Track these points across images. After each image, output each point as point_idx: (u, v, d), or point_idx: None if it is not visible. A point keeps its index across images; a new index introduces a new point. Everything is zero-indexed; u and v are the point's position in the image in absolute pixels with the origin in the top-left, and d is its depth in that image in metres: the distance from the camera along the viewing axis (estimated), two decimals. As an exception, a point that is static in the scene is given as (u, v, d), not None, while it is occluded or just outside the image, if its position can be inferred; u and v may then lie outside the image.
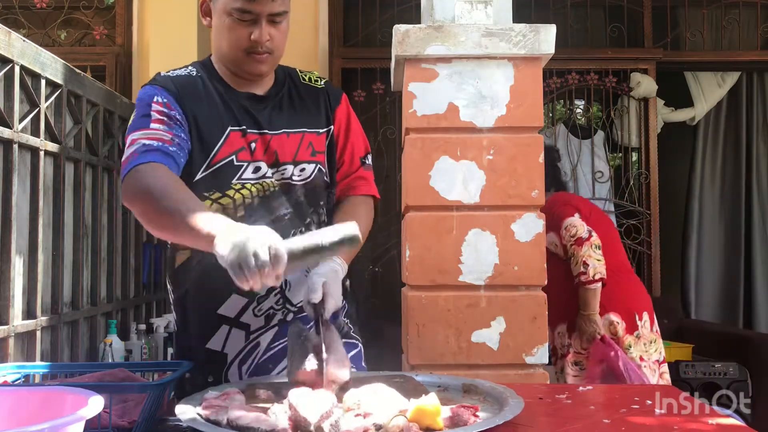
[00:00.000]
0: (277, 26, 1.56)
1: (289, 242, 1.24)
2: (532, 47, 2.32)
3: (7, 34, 2.23)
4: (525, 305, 2.30)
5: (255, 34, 1.53)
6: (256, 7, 1.51)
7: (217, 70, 1.66)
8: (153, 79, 1.62)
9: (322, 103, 1.70)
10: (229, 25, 1.55)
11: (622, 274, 3.05)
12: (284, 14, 1.56)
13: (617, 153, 5.35)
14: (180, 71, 1.65)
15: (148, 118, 1.51)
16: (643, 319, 2.97)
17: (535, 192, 2.33)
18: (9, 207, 2.23)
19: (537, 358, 2.29)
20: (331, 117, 1.71)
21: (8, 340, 2.20)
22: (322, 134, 1.68)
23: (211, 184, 1.56)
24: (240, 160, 1.57)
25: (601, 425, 1.26)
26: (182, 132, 1.53)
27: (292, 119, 1.64)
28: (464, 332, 2.27)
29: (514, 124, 2.34)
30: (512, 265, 2.31)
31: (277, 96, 1.66)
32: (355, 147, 1.74)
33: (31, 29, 4.71)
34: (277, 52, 1.60)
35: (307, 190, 1.64)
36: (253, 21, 1.53)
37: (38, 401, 1.06)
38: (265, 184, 1.59)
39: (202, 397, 1.29)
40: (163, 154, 1.46)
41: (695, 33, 5.21)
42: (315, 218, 1.67)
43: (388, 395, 1.21)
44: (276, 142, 1.60)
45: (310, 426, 1.10)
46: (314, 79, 1.74)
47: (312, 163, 1.64)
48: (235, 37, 1.55)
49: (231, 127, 1.58)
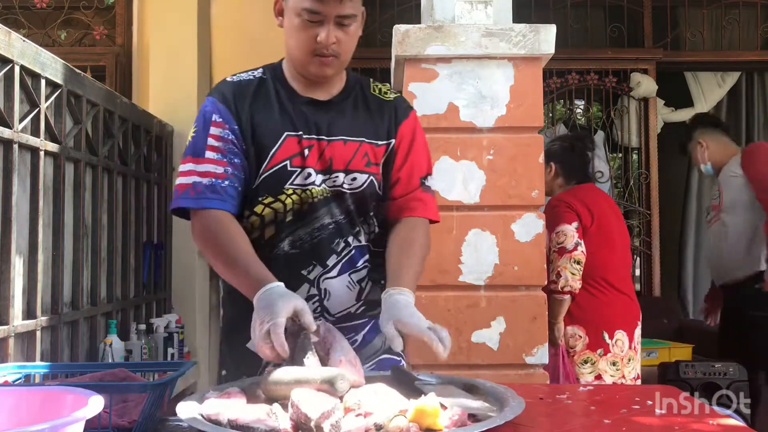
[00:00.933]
0: (345, 30, 1.54)
1: (282, 371, 1.28)
2: (532, 47, 2.32)
3: (7, 34, 2.23)
4: (525, 305, 2.31)
5: (321, 36, 1.52)
6: (324, 8, 1.51)
7: (285, 72, 1.66)
8: (216, 88, 1.65)
9: (388, 115, 1.67)
10: (298, 25, 1.54)
11: (607, 288, 2.98)
12: (353, 17, 1.54)
13: (617, 153, 5.35)
14: (246, 74, 1.66)
15: (204, 144, 1.57)
16: (615, 338, 2.93)
17: (535, 192, 2.33)
18: (9, 207, 2.23)
19: (537, 358, 2.29)
20: (394, 131, 1.66)
21: (8, 340, 2.20)
22: (381, 146, 1.64)
23: (266, 188, 1.58)
24: (293, 165, 1.58)
25: (601, 425, 1.26)
26: (236, 156, 1.57)
27: (352, 127, 1.62)
28: (464, 332, 2.27)
29: (514, 124, 2.34)
30: (512, 265, 2.31)
31: (342, 103, 1.64)
32: (415, 166, 1.67)
33: (31, 29, 4.71)
34: (344, 56, 1.58)
35: (357, 199, 1.62)
36: (321, 22, 1.52)
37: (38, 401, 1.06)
38: (314, 190, 1.58)
39: (203, 397, 1.29)
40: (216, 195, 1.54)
41: (695, 33, 5.21)
42: (365, 228, 1.65)
43: (388, 395, 1.21)
44: (331, 148, 1.59)
45: (310, 422, 1.10)
46: (384, 91, 1.71)
47: (365, 174, 1.61)
48: (302, 38, 1.55)
49: (287, 132, 1.58)
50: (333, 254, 1.61)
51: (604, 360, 2.90)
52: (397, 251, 1.60)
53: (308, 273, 1.60)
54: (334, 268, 1.61)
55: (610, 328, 2.93)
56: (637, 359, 3.01)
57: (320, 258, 1.60)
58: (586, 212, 2.97)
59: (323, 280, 1.61)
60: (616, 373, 2.92)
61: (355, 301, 1.64)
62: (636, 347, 3.00)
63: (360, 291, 1.65)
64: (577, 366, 2.91)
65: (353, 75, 1.71)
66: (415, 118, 1.72)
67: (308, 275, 1.60)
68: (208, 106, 1.61)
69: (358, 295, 1.65)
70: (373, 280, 1.66)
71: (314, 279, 1.61)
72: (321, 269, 1.60)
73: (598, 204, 3.05)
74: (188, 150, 1.59)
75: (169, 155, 3.81)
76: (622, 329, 2.95)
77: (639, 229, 5.04)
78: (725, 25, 5.19)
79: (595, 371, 2.90)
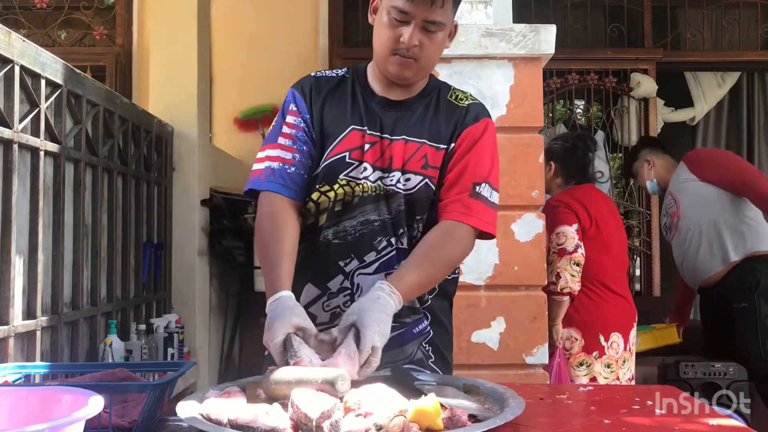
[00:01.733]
0: (431, 36, 1.55)
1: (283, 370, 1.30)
2: (532, 47, 2.32)
3: (7, 34, 2.23)
4: (525, 305, 2.31)
5: (405, 36, 1.53)
6: (413, 9, 1.51)
7: (368, 72, 1.69)
8: (299, 81, 1.71)
9: (455, 120, 1.64)
10: (386, 23, 1.55)
11: (603, 290, 2.98)
12: (440, 25, 1.55)
13: (617, 153, 5.35)
14: (331, 72, 1.72)
15: (279, 130, 1.65)
16: (610, 340, 2.93)
17: (535, 192, 2.33)
18: (9, 207, 2.23)
19: (537, 358, 2.29)
20: (457, 135, 1.63)
21: (8, 340, 2.20)
22: (441, 150, 1.62)
23: (324, 176, 1.62)
24: (352, 158, 1.60)
25: (601, 425, 1.26)
26: (305, 144, 1.63)
27: (416, 128, 1.62)
28: (464, 332, 2.28)
29: (514, 124, 2.34)
30: (512, 265, 2.31)
31: (414, 104, 1.65)
32: (468, 170, 1.60)
33: (31, 29, 4.71)
34: (425, 61, 1.58)
35: (409, 200, 1.61)
36: (407, 23, 1.53)
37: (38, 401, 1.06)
38: (366, 185, 1.60)
39: (203, 397, 1.29)
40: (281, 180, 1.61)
41: (695, 33, 5.21)
42: (411, 231, 1.63)
43: (388, 395, 1.21)
44: (392, 147, 1.60)
45: (310, 422, 1.11)
46: (461, 97, 1.69)
47: (420, 176, 1.60)
48: (386, 35, 1.56)
49: (354, 125, 1.62)
50: (373, 251, 1.61)
51: (599, 362, 2.91)
52: (418, 252, 1.56)
53: (345, 265, 1.62)
54: (371, 265, 1.61)
55: (606, 330, 2.93)
56: (632, 360, 3.01)
57: (359, 252, 1.61)
58: (585, 214, 2.97)
59: (358, 274, 1.61)
60: (610, 375, 2.92)
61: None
62: (631, 348, 3.00)
63: None
64: (572, 368, 2.91)
65: (435, 80, 1.72)
66: (485, 127, 1.65)
67: (344, 267, 1.62)
68: (288, 96, 1.69)
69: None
70: None
71: (350, 272, 1.62)
72: (357, 263, 1.61)
73: (596, 206, 3.05)
74: (266, 138, 1.68)
75: (169, 155, 3.81)
76: (618, 331, 2.95)
77: (639, 229, 5.04)
78: (725, 25, 5.19)
79: (590, 374, 2.90)
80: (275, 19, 5.07)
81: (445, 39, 1.60)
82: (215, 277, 4.20)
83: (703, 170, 3.35)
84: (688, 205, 3.37)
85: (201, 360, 3.87)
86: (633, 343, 3.02)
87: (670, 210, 3.49)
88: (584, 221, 2.96)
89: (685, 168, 3.42)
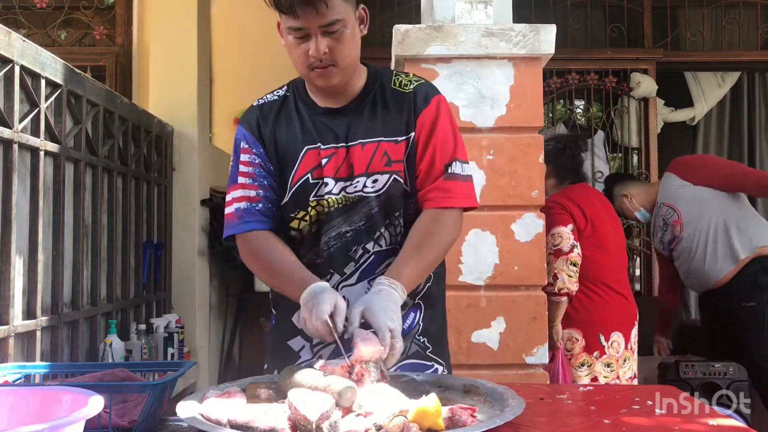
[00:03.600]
0: (335, 36, 1.51)
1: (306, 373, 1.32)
2: (532, 47, 2.32)
3: (7, 34, 2.23)
4: (525, 305, 2.31)
5: (311, 49, 1.51)
6: (304, 23, 1.49)
7: (307, 86, 1.67)
8: (243, 115, 1.70)
9: (406, 109, 1.62)
10: (290, 43, 1.55)
11: (603, 289, 2.98)
12: (338, 23, 1.50)
13: (617, 153, 5.35)
14: (271, 95, 1.70)
15: (236, 171, 1.66)
16: (611, 339, 2.93)
17: (535, 192, 2.33)
18: (9, 207, 2.23)
19: (537, 358, 2.29)
20: (413, 123, 1.61)
21: (8, 340, 2.20)
22: (400, 142, 1.61)
23: (294, 203, 1.62)
24: (314, 177, 1.60)
25: (601, 425, 1.26)
26: (265, 178, 1.64)
27: (369, 129, 1.61)
28: (464, 332, 2.27)
29: (514, 124, 2.34)
30: (512, 265, 2.31)
31: (360, 105, 1.63)
32: (436, 153, 1.61)
33: (31, 29, 4.71)
34: (343, 61, 1.54)
35: (381, 201, 1.60)
36: (308, 36, 1.51)
37: (38, 401, 1.06)
38: (330, 199, 1.60)
39: (203, 397, 1.29)
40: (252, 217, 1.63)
41: (695, 33, 5.21)
42: (390, 230, 1.63)
43: (388, 395, 1.21)
44: (351, 154, 1.59)
45: (310, 425, 1.10)
46: (405, 83, 1.66)
47: (386, 174, 1.59)
48: (295, 54, 1.55)
49: (307, 146, 1.61)
50: (351, 262, 1.62)
51: (600, 362, 2.91)
52: (411, 243, 1.57)
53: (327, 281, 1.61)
54: (352, 275, 1.62)
55: (606, 329, 2.93)
56: (633, 359, 3.01)
57: (337, 266, 1.62)
58: (580, 214, 2.97)
59: (341, 288, 1.62)
60: (610, 374, 2.92)
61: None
62: (633, 347, 3.00)
63: None
64: (574, 369, 2.91)
65: (374, 70, 1.68)
66: (437, 106, 1.64)
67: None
68: (238, 134, 1.68)
69: None
70: None
71: (333, 287, 1.60)
72: (339, 277, 1.62)
73: (592, 205, 3.05)
74: (228, 179, 1.68)
75: (169, 155, 3.81)
76: (619, 330, 2.95)
77: (639, 229, 5.04)
78: (725, 25, 5.19)
79: (591, 374, 2.91)
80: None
81: (354, 30, 1.56)
82: (215, 277, 4.20)
83: (697, 174, 3.35)
84: (689, 210, 3.37)
85: (201, 360, 3.87)
86: (635, 341, 3.02)
87: (670, 219, 3.48)
88: (579, 221, 2.96)
89: (675, 176, 3.42)
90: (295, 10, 1.48)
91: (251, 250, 1.64)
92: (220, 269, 4.24)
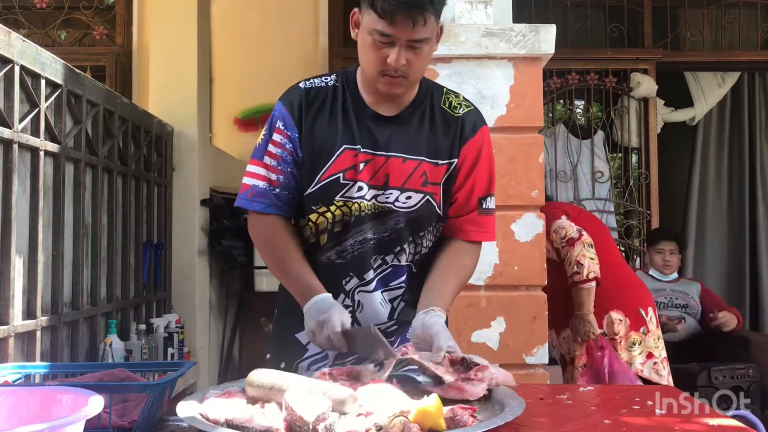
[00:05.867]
0: (417, 52, 1.51)
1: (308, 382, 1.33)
2: (532, 47, 2.32)
3: (7, 34, 2.23)
4: (525, 305, 2.31)
5: (391, 58, 1.50)
6: (396, 32, 1.48)
7: (358, 81, 1.65)
8: (287, 92, 1.67)
9: (453, 133, 1.63)
10: (369, 43, 1.52)
11: (620, 270, 3.01)
12: (425, 41, 1.51)
13: (617, 153, 5.35)
14: (319, 80, 1.66)
15: (265, 148, 1.64)
16: (649, 315, 2.92)
17: (535, 192, 2.33)
18: (9, 207, 2.23)
19: (537, 358, 2.29)
20: (457, 151, 1.63)
21: (8, 340, 2.20)
22: (441, 166, 1.62)
23: (319, 197, 1.61)
24: (346, 178, 1.59)
25: (601, 425, 1.26)
26: (289, 165, 1.62)
27: (413, 144, 1.60)
28: (464, 332, 2.27)
29: (514, 124, 2.34)
30: (512, 265, 2.31)
31: (408, 117, 1.62)
32: (475, 187, 1.64)
33: (31, 29, 4.71)
34: (413, 75, 1.55)
35: (411, 218, 1.61)
36: (392, 44, 1.50)
37: (38, 401, 1.06)
38: (362, 204, 1.59)
39: (203, 397, 1.29)
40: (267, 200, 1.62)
41: (695, 33, 5.21)
42: (412, 247, 1.65)
43: (390, 395, 1.21)
44: (388, 165, 1.59)
45: (306, 425, 1.10)
46: (455, 104, 1.66)
47: (420, 193, 1.60)
48: (372, 57, 1.53)
49: (346, 145, 1.59)
50: (370, 269, 1.63)
51: (649, 337, 2.87)
52: (447, 269, 1.62)
53: (345, 284, 1.64)
54: (370, 282, 1.64)
55: (645, 305, 2.91)
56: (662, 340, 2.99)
57: (358, 271, 1.63)
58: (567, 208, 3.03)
59: (358, 292, 1.64)
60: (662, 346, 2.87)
61: (387, 319, 1.66)
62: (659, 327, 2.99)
63: (392, 310, 1.66)
64: (626, 351, 2.86)
65: (426, 84, 1.67)
66: (483, 136, 1.67)
67: (345, 285, 1.64)
68: (276, 111, 1.65)
69: (390, 314, 1.66)
70: (407, 301, 1.66)
71: (350, 290, 1.64)
72: (357, 281, 1.63)
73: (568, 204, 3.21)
74: (254, 151, 1.66)
75: (169, 155, 3.81)
76: (651, 306, 2.94)
77: (639, 229, 5.04)
78: (725, 25, 5.19)
79: (644, 350, 2.87)
80: (275, 19, 5.07)
81: (432, 47, 1.57)
82: (215, 277, 4.20)
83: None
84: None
85: (201, 360, 3.87)
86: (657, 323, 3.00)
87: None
88: (571, 213, 3.00)
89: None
90: (393, 18, 1.46)
91: (265, 236, 1.64)
92: (220, 269, 4.24)
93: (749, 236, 5.32)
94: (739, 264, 5.33)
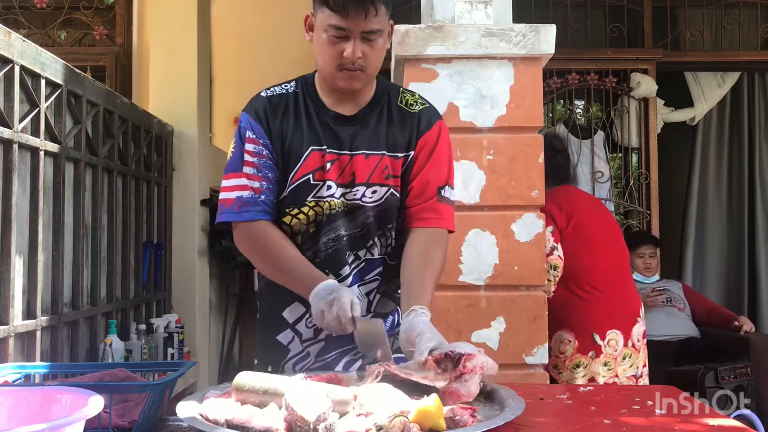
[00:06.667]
0: (371, 44, 1.57)
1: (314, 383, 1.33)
2: (532, 47, 2.32)
3: (7, 34, 2.23)
4: (525, 305, 2.31)
5: (347, 51, 1.55)
6: (350, 24, 1.53)
7: (316, 85, 1.71)
8: (250, 103, 1.72)
9: (410, 128, 1.69)
10: (325, 40, 1.58)
11: (591, 290, 2.92)
12: (379, 32, 1.57)
13: (617, 153, 5.35)
14: (279, 88, 1.72)
15: (241, 159, 1.66)
16: (607, 338, 2.89)
17: (535, 192, 2.33)
18: (9, 207, 2.23)
19: (537, 358, 2.29)
20: (414, 143, 1.69)
21: (8, 340, 2.20)
22: (400, 159, 1.68)
23: (291, 200, 1.66)
24: (315, 179, 1.64)
25: (601, 425, 1.26)
26: (270, 170, 1.65)
27: (374, 140, 1.66)
28: (464, 332, 2.27)
29: (514, 124, 2.34)
30: (512, 265, 2.31)
31: (367, 116, 1.68)
32: (431, 175, 1.69)
33: (31, 29, 4.71)
34: (370, 69, 1.61)
35: (378, 212, 1.67)
36: (347, 38, 1.55)
37: (38, 401, 1.06)
38: (334, 202, 1.64)
39: (203, 397, 1.29)
40: (256, 207, 1.64)
41: (695, 33, 5.21)
42: (382, 240, 1.70)
43: (390, 395, 1.21)
44: (354, 163, 1.64)
45: (307, 426, 1.10)
46: (411, 102, 1.72)
47: (385, 186, 1.66)
48: (329, 53, 1.58)
49: (312, 146, 1.64)
50: (345, 265, 1.68)
51: (597, 362, 2.88)
52: (420, 266, 1.63)
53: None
54: (347, 278, 1.68)
55: (601, 329, 2.89)
56: (639, 356, 2.96)
57: (334, 267, 1.67)
58: (561, 215, 2.91)
59: None
60: (608, 373, 2.89)
61: (366, 312, 1.69)
62: (636, 344, 2.95)
63: (368, 303, 1.71)
64: (568, 371, 2.89)
65: (383, 84, 1.73)
66: (439, 130, 1.71)
67: None
68: (242, 122, 1.69)
69: (368, 307, 1.71)
70: (383, 292, 1.72)
71: None
72: (334, 278, 1.66)
73: (576, 205, 2.99)
74: (228, 166, 1.68)
75: (169, 155, 3.81)
76: (616, 328, 2.91)
77: (639, 229, 5.04)
78: (725, 25, 5.19)
79: (588, 374, 2.88)
80: (275, 19, 5.07)
81: (385, 41, 1.62)
82: (215, 277, 4.20)
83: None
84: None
85: (201, 360, 3.87)
86: (638, 338, 2.97)
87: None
88: (560, 222, 2.91)
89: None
90: (346, 10, 1.52)
91: (253, 241, 1.66)
92: (220, 269, 4.24)
93: (748, 236, 5.32)
94: (739, 264, 5.33)
